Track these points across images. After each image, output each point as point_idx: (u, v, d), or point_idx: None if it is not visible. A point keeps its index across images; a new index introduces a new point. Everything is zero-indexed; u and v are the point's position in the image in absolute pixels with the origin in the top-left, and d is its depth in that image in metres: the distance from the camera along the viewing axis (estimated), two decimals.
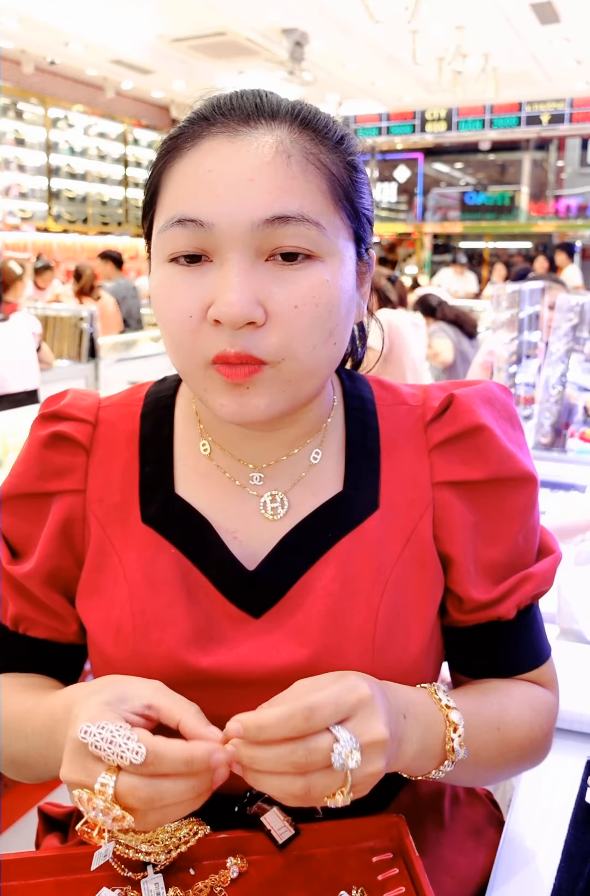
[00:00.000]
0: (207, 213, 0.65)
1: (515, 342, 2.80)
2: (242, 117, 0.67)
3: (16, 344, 4.13)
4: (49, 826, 1.00)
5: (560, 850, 0.76)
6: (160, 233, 0.69)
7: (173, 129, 0.72)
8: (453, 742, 0.69)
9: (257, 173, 0.65)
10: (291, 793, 0.57)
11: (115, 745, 0.56)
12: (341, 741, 0.57)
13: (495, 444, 0.77)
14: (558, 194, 13.97)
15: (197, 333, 0.67)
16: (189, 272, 0.67)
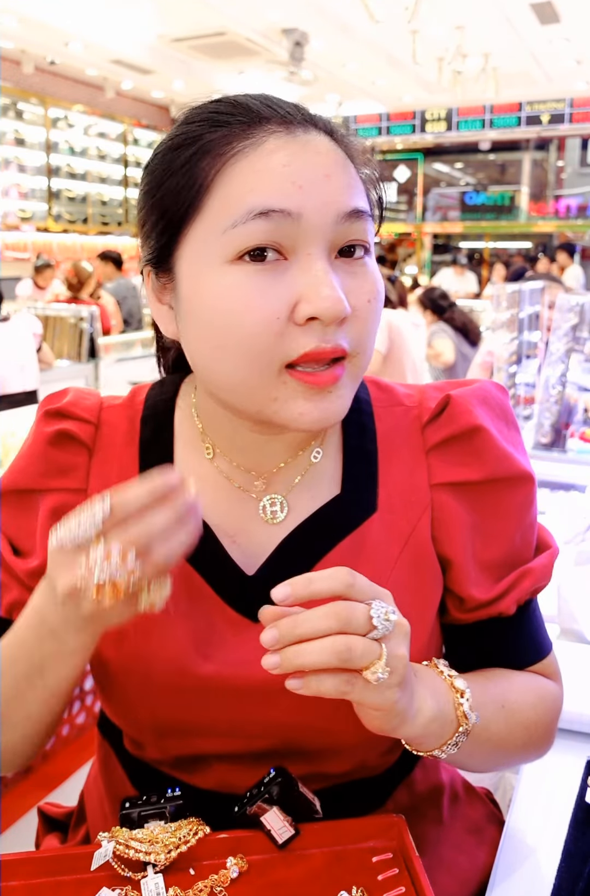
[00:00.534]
0: (294, 204, 0.63)
1: (515, 342, 2.80)
2: (288, 118, 0.67)
3: (16, 344, 4.13)
4: (49, 826, 1.00)
5: (560, 850, 0.76)
6: (228, 230, 0.64)
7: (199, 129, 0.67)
8: (462, 706, 0.69)
9: (331, 170, 0.66)
10: (334, 650, 0.57)
11: (83, 520, 0.58)
12: (376, 604, 0.59)
13: (492, 444, 0.77)
14: (558, 194, 13.98)
15: (281, 336, 0.64)
16: (263, 272, 0.64)
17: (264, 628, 0.62)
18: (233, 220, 0.64)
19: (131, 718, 0.77)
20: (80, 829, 0.93)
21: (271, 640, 0.58)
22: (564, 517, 1.80)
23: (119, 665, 0.75)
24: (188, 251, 0.67)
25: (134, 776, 0.83)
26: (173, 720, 0.74)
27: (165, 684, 0.73)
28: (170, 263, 0.69)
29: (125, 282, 7.26)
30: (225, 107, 0.68)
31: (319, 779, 0.77)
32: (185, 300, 0.68)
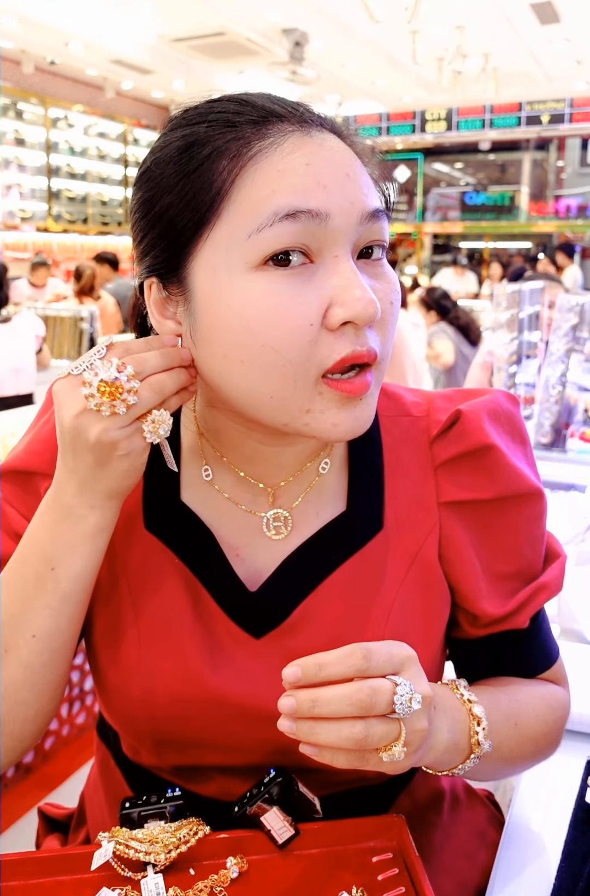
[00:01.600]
0: (321, 204, 0.61)
1: (515, 342, 2.80)
2: (307, 122, 0.65)
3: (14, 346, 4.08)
4: (49, 827, 1.00)
5: (560, 850, 0.76)
6: (253, 235, 0.60)
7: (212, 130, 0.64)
8: (477, 735, 0.69)
9: (350, 170, 0.64)
10: (350, 736, 0.56)
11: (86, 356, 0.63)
12: (401, 685, 0.58)
13: (503, 463, 0.76)
14: (557, 194, 13.97)
15: (315, 343, 0.61)
16: (291, 277, 0.61)
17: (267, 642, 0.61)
18: (257, 223, 0.60)
19: (131, 727, 0.76)
20: (81, 831, 0.93)
21: (288, 710, 0.58)
22: (564, 517, 1.80)
23: (121, 673, 0.74)
24: (205, 260, 0.63)
25: (132, 780, 0.83)
26: (172, 731, 0.73)
27: (165, 695, 0.72)
28: (180, 275, 0.65)
29: (124, 281, 7.26)
30: (233, 105, 0.65)
31: (319, 786, 0.76)
32: (201, 313, 0.64)
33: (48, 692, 0.71)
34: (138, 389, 0.61)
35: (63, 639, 0.70)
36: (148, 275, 0.68)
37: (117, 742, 0.84)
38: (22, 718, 0.70)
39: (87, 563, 0.68)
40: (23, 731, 0.71)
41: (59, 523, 0.67)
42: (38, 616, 0.68)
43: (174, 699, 0.72)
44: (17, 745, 0.72)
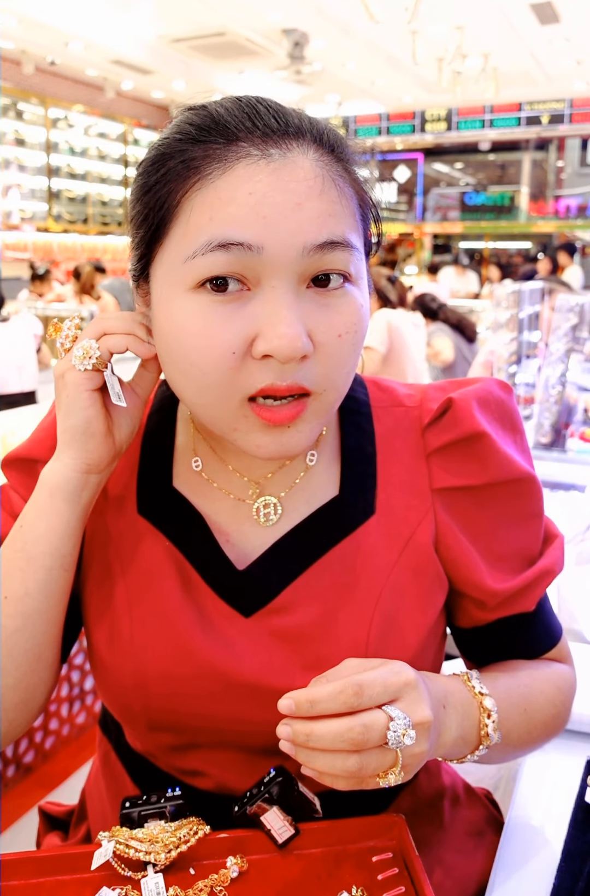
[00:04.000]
0: (256, 236, 0.60)
1: (515, 342, 2.80)
2: (268, 136, 0.63)
3: (15, 345, 4.12)
4: (50, 825, 1.00)
5: (560, 850, 0.76)
6: (189, 260, 0.62)
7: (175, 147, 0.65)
8: (487, 728, 0.71)
9: (304, 198, 0.62)
10: (345, 769, 0.58)
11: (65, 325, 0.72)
12: (396, 719, 0.58)
13: (494, 449, 0.77)
14: (557, 194, 13.97)
15: (238, 370, 0.63)
16: (224, 303, 0.62)
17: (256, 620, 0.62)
18: (192, 249, 0.62)
19: (125, 708, 0.77)
20: (82, 826, 0.93)
21: (286, 737, 0.60)
22: (564, 517, 1.80)
23: (114, 653, 0.75)
24: (159, 272, 0.67)
25: (134, 773, 0.83)
26: (165, 710, 0.74)
27: (157, 672, 0.73)
28: (147, 279, 0.70)
29: (119, 280, 7.22)
30: (206, 121, 0.64)
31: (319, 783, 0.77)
32: (155, 318, 0.68)
33: (25, 662, 0.71)
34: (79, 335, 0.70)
35: (33, 604, 0.71)
36: (131, 276, 0.73)
37: (120, 735, 0.85)
38: (4, 685, 0.71)
39: (49, 524, 0.71)
40: (6, 698, 0.71)
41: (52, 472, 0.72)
42: (9, 578, 0.71)
43: (165, 676, 0.73)
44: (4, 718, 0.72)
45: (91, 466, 0.71)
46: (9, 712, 0.72)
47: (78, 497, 0.71)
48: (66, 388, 0.69)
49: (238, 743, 0.75)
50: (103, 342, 0.69)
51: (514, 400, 0.82)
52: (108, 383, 0.70)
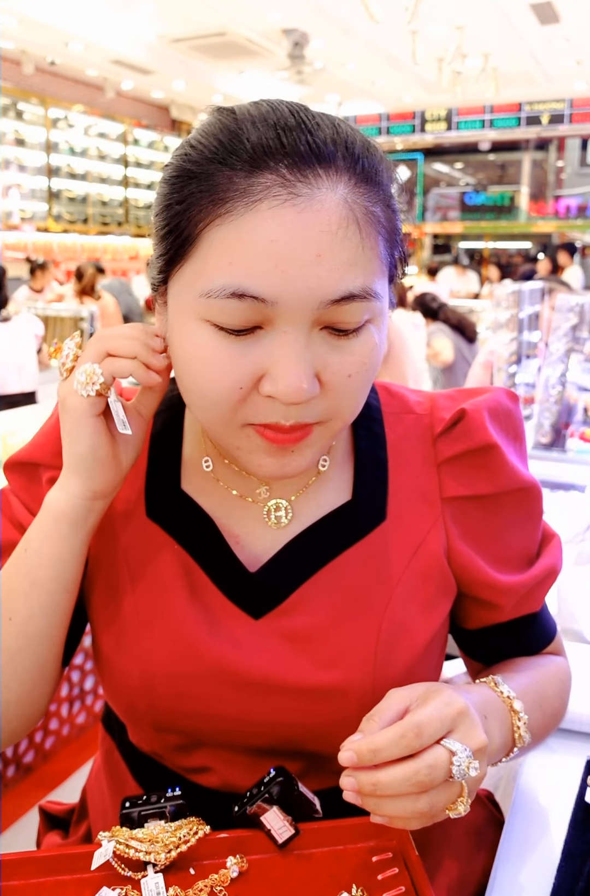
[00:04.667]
0: (271, 291, 0.59)
1: (515, 342, 2.80)
2: (296, 165, 0.59)
3: (16, 345, 4.13)
4: (50, 824, 1.00)
5: (560, 850, 0.76)
6: (204, 297, 0.61)
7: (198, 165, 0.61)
8: (519, 730, 0.72)
9: (325, 248, 0.59)
10: (416, 811, 0.59)
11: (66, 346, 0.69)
12: (458, 753, 0.59)
13: (503, 461, 0.78)
14: (557, 194, 13.97)
15: (243, 402, 0.63)
16: (236, 339, 0.62)
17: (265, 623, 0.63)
18: (207, 289, 0.60)
19: (131, 709, 0.77)
20: (82, 824, 0.93)
21: (351, 788, 0.60)
22: (564, 517, 1.80)
23: (120, 654, 0.75)
24: (175, 290, 0.66)
25: (137, 771, 0.83)
26: (171, 710, 0.74)
27: (163, 672, 0.73)
28: (165, 287, 0.68)
29: (118, 280, 7.22)
30: (233, 141, 0.60)
31: (320, 779, 0.77)
32: (170, 330, 0.67)
33: (28, 679, 0.73)
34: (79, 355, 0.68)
35: (37, 626, 0.71)
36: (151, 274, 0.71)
37: (123, 732, 0.85)
38: (5, 700, 0.72)
39: (54, 550, 0.70)
40: (8, 713, 0.73)
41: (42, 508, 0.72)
42: (13, 599, 0.71)
43: (173, 677, 0.73)
44: (5, 728, 0.74)
45: (97, 493, 0.70)
46: (11, 723, 0.74)
47: (83, 522, 0.71)
48: (69, 414, 0.68)
49: (244, 743, 0.75)
50: (107, 366, 0.66)
51: (520, 409, 0.83)
52: (113, 410, 0.68)
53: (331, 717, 0.72)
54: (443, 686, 0.64)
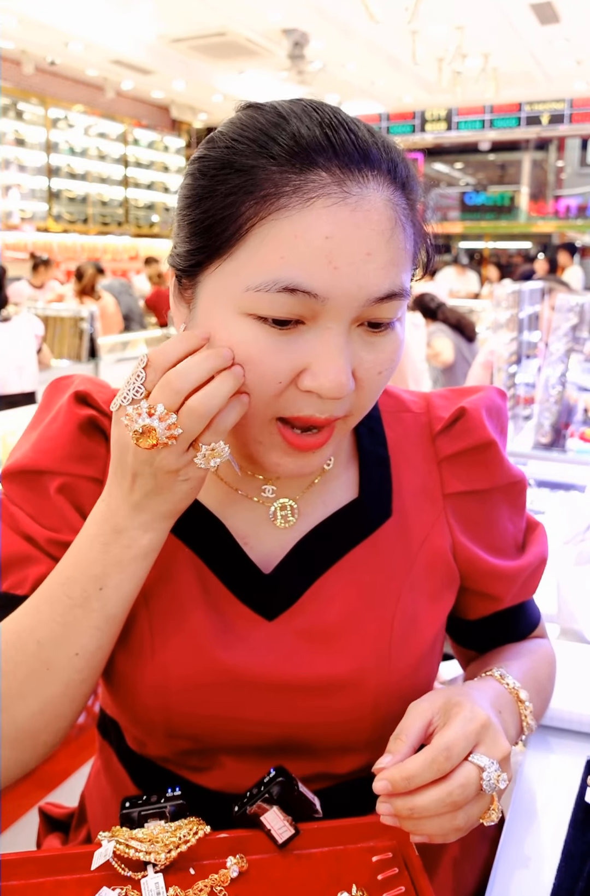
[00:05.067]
0: (324, 287, 0.59)
1: (515, 342, 2.80)
2: (347, 166, 0.60)
3: (16, 345, 4.12)
4: (50, 826, 1.00)
5: (560, 850, 0.76)
6: (252, 291, 0.60)
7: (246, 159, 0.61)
8: (527, 718, 0.76)
9: (374, 247, 0.61)
10: (454, 827, 0.62)
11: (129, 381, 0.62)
12: (486, 768, 0.62)
13: (499, 457, 0.82)
14: (557, 194, 13.97)
15: (280, 395, 0.64)
16: (279, 334, 0.62)
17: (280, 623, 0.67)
18: (257, 283, 0.60)
19: (143, 718, 0.76)
20: (82, 830, 0.93)
21: (388, 812, 0.63)
22: (564, 517, 1.80)
23: (133, 665, 0.74)
24: (211, 283, 0.64)
25: (136, 775, 0.83)
26: (185, 717, 0.74)
27: (178, 681, 0.73)
28: (193, 280, 0.67)
29: (118, 281, 7.22)
30: (284, 137, 0.61)
31: (323, 778, 0.78)
32: (197, 324, 0.66)
33: (83, 703, 0.72)
34: (177, 422, 0.60)
35: (103, 655, 0.71)
36: (170, 264, 0.70)
37: (121, 739, 0.84)
38: (56, 730, 0.71)
39: (136, 584, 0.69)
40: (55, 740, 0.72)
41: (110, 545, 0.67)
42: (83, 636, 0.68)
43: (188, 686, 0.73)
44: (48, 752, 0.73)
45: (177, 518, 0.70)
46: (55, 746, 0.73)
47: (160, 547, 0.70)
48: (185, 485, 0.64)
49: (256, 743, 0.75)
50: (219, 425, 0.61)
51: (507, 407, 0.87)
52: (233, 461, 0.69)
53: (346, 713, 0.74)
54: (461, 696, 0.67)
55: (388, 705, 0.74)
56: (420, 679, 0.77)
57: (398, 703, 0.72)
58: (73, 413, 0.76)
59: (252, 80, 10.65)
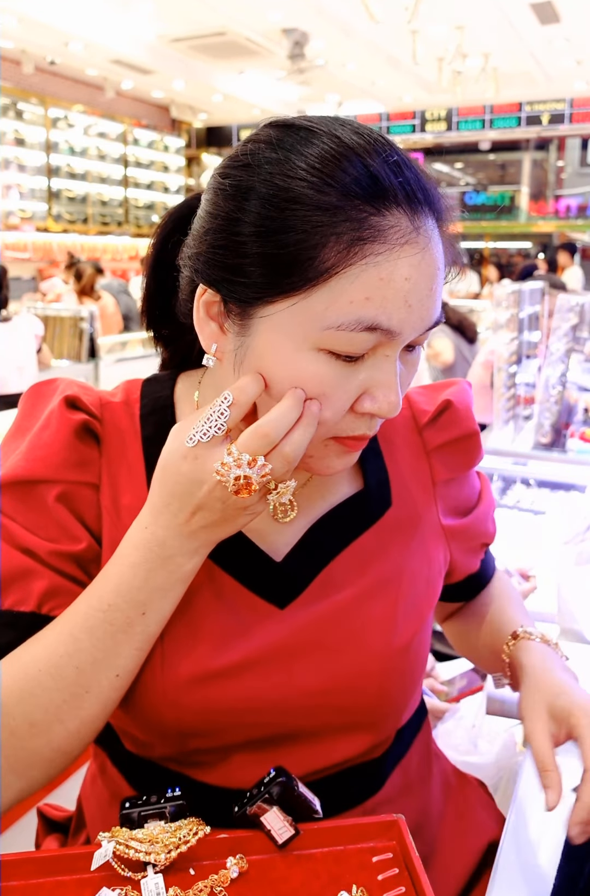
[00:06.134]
0: (400, 324, 0.63)
1: (515, 342, 2.80)
2: (415, 207, 0.63)
3: (16, 345, 4.11)
4: (49, 828, 1.00)
5: (560, 850, 0.76)
6: (332, 329, 0.61)
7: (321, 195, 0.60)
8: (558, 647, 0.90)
9: (434, 283, 0.65)
10: None
11: (212, 416, 0.63)
12: None
13: (479, 444, 0.91)
14: (558, 194, 13.97)
15: (340, 420, 0.67)
16: (346, 366, 0.64)
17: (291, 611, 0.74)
18: (338, 322, 0.61)
19: (152, 722, 0.75)
20: (80, 834, 0.92)
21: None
22: (564, 517, 1.80)
23: (145, 673, 0.73)
24: (277, 318, 0.63)
25: (133, 778, 0.82)
26: (198, 714, 0.74)
27: (191, 684, 0.73)
28: (247, 310, 0.65)
29: (117, 281, 7.20)
30: (357, 171, 0.61)
31: (319, 770, 0.78)
32: (256, 356, 0.65)
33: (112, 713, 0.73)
34: (270, 471, 0.63)
35: (137, 670, 0.72)
36: (208, 284, 0.66)
37: (117, 742, 0.83)
38: (89, 741, 0.72)
39: (175, 604, 0.71)
40: (83, 751, 0.73)
41: (156, 571, 0.68)
42: (124, 658, 0.69)
43: (198, 679, 0.73)
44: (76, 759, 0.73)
45: None
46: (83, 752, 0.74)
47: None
48: (248, 518, 0.68)
49: (265, 733, 0.76)
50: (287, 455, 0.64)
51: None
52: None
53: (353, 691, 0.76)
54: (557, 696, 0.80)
55: (390, 680, 0.78)
56: (419, 654, 0.82)
57: (399, 677, 0.79)
58: (66, 418, 0.74)
59: (252, 79, 10.65)
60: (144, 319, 0.87)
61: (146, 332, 0.88)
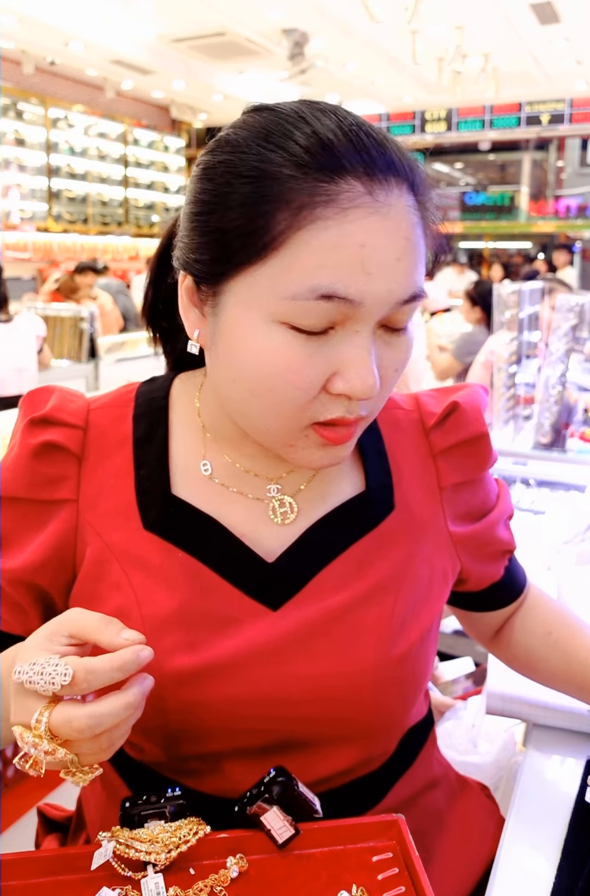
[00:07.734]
0: (359, 293, 0.61)
1: (515, 342, 2.80)
2: (373, 174, 0.61)
3: (17, 346, 4.09)
4: (49, 827, 1.00)
5: (560, 850, 0.76)
6: (288, 299, 0.61)
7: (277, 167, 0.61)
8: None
9: (402, 252, 0.63)
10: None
11: (45, 674, 0.57)
12: None
13: (490, 447, 0.87)
14: (557, 194, 13.97)
15: (313, 400, 0.65)
16: (310, 340, 0.63)
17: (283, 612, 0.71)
18: (293, 291, 0.61)
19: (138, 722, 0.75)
20: (80, 834, 0.92)
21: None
22: (564, 517, 1.80)
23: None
24: (239, 291, 0.64)
25: (130, 782, 0.82)
26: (180, 715, 0.73)
27: (178, 689, 0.72)
28: (215, 288, 0.66)
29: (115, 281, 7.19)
30: (308, 140, 0.61)
31: (321, 781, 0.77)
32: (223, 334, 0.66)
33: None
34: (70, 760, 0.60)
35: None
36: (185, 269, 0.69)
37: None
38: None
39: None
40: None
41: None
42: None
43: (188, 690, 0.72)
44: None
45: None
46: None
47: None
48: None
49: (255, 741, 0.75)
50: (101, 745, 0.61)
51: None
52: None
53: (346, 698, 0.74)
54: None
55: (385, 691, 0.75)
56: (418, 665, 0.79)
57: (395, 688, 0.76)
58: (24, 442, 0.76)
59: (252, 79, 10.64)
60: (145, 316, 0.87)
61: (147, 331, 0.89)
